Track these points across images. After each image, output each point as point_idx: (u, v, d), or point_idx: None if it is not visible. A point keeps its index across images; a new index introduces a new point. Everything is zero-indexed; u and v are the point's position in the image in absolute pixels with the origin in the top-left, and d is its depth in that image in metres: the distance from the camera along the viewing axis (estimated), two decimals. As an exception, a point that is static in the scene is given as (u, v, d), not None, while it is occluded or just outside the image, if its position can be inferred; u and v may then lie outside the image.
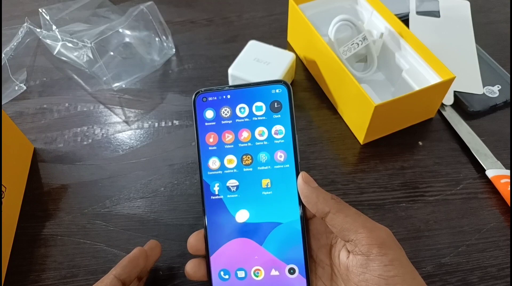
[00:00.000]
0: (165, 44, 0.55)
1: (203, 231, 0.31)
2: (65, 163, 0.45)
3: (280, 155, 0.30)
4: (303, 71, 0.54)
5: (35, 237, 0.39)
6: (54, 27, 0.52)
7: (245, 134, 0.31)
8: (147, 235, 0.39)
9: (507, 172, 0.42)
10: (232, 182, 0.30)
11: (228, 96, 0.31)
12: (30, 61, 0.56)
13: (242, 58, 0.49)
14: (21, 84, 0.52)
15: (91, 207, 0.42)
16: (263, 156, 0.30)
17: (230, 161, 0.31)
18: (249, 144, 0.30)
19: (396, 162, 0.45)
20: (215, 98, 0.31)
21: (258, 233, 0.30)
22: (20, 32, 0.57)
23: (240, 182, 0.30)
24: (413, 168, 0.44)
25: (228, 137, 0.31)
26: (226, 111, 0.31)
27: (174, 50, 0.56)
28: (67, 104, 0.51)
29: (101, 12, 0.57)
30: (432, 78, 0.45)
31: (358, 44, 0.48)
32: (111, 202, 0.42)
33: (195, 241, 0.31)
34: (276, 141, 0.30)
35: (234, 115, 0.31)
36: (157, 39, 0.54)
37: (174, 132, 0.48)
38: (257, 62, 0.48)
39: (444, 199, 0.42)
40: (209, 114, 0.31)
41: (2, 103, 0.50)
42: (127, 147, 0.46)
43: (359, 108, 0.43)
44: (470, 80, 0.51)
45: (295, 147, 0.30)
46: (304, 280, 0.29)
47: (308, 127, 0.48)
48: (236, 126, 0.31)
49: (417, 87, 0.45)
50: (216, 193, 0.31)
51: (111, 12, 0.57)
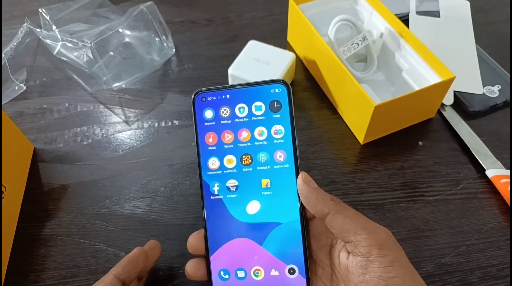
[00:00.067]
0: (165, 44, 0.55)
1: (203, 231, 0.31)
2: (65, 163, 0.45)
3: (280, 155, 0.30)
4: (303, 71, 0.54)
5: (35, 237, 0.39)
6: (54, 27, 0.52)
7: (244, 134, 0.31)
8: (147, 235, 0.39)
9: (507, 172, 0.42)
10: (231, 182, 0.30)
11: (228, 96, 0.31)
12: (30, 61, 0.56)
13: (242, 58, 0.49)
14: (21, 84, 0.52)
15: (91, 207, 0.42)
16: (262, 156, 0.30)
17: (230, 161, 0.31)
18: (248, 144, 0.30)
19: (396, 162, 0.45)
20: (214, 98, 0.31)
21: (258, 233, 0.30)
22: (20, 32, 0.57)
23: (240, 182, 0.30)
24: (413, 168, 0.44)
25: (228, 137, 0.31)
26: (225, 111, 0.31)
27: (174, 50, 0.56)
28: (67, 104, 0.51)
29: (101, 12, 0.57)
30: (432, 78, 0.45)
31: (358, 44, 0.48)
32: (111, 202, 0.42)
33: (195, 241, 0.31)
34: (276, 141, 0.30)
35: (233, 115, 0.31)
36: (157, 39, 0.54)
37: (174, 132, 0.48)
38: (257, 62, 0.48)
39: (444, 199, 0.42)
40: (208, 114, 0.31)
41: (2, 103, 0.50)
42: (127, 147, 0.46)
43: (359, 108, 0.43)
44: (470, 80, 0.51)
45: (294, 147, 0.30)
46: (304, 280, 0.29)
47: (308, 127, 0.48)
48: (235, 126, 0.31)
49: (417, 87, 0.45)
50: (216, 193, 0.31)
51: (111, 12, 0.57)
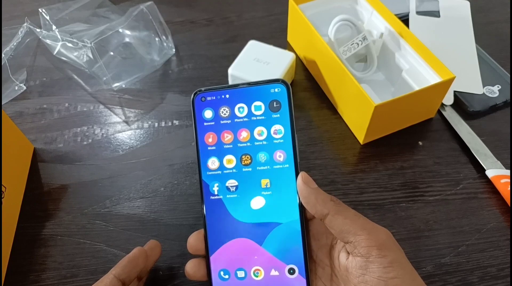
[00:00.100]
0: (165, 44, 0.55)
1: (202, 231, 0.31)
2: (65, 163, 0.45)
3: (280, 155, 0.30)
4: (303, 71, 0.54)
5: (35, 237, 0.39)
6: (54, 27, 0.52)
7: (244, 134, 0.30)
8: (147, 235, 0.39)
9: (507, 172, 0.42)
10: (231, 182, 0.30)
11: (227, 96, 0.31)
12: (30, 61, 0.56)
13: (242, 58, 0.49)
14: (21, 84, 0.52)
15: (91, 207, 0.42)
16: (262, 156, 0.30)
17: (229, 161, 0.31)
18: (248, 144, 0.30)
19: (396, 162, 0.45)
20: (214, 98, 0.31)
21: (258, 233, 0.30)
22: (20, 32, 0.57)
23: (240, 182, 0.30)
24: (413, 168, 0.44)
25: (227, 137, 0.31)
26: (225, 111, 0.31)
27: (174, 50, 0.56)
28: (67, 104, 0.51)
29: (101, 12, 0.57)
30: (432, 78, 0.45)
31: (358, 44, 0.48)
32: (111, 202, 0.42)
33: (195, 241, 0.31)
34: (276, 141, 0.30)
35: (233, 115, 0.31)
36: (157, 39, 0.54)
37: (174, 132, 0.48)
38: (257, 62, 0.48)
39: (444, 199, 0.42)
40: (208, 113, 0.31)
41: (2, 103, 0.50)
42: (127, 147, 0.46)
43: (359, 108, 0.43)
44: (470, 80, 0.51)
45: (294, 147, 0.30)
46: (304, 280, 0.29)
47: (308, 127, 0.48)
48: (235, 126, 0.31)
49: (417, 87, 0.45)
50: (216, 193, 0.31)
51: (111, 12, 0.57)
